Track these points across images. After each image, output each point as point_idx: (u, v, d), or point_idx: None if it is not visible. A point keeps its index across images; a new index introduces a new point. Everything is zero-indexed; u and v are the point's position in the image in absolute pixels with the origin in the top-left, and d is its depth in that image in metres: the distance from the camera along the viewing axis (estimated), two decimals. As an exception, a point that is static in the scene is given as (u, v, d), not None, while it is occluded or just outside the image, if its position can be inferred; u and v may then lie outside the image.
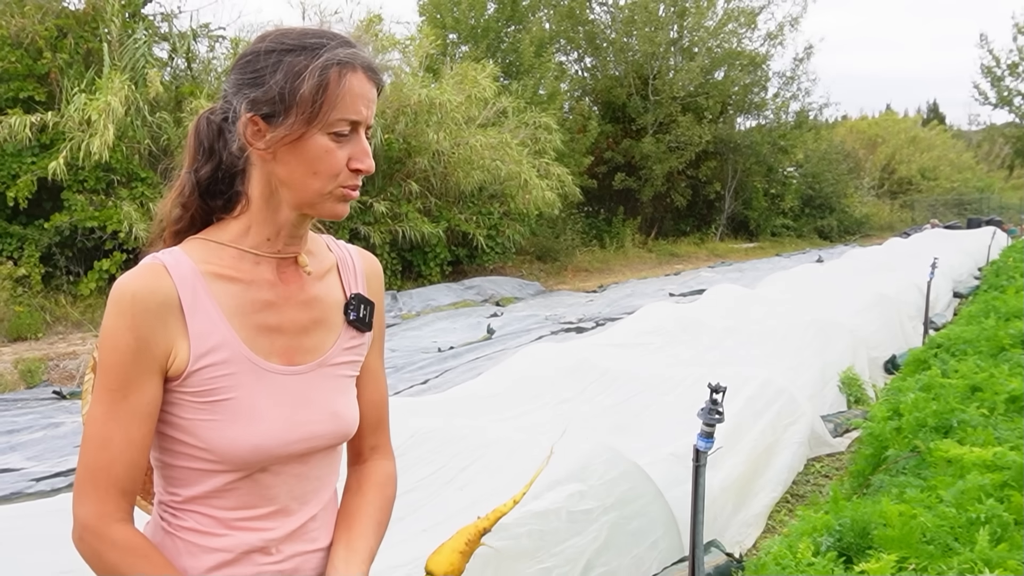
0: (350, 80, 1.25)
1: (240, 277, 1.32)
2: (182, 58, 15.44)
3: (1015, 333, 5.86)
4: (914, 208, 42.31)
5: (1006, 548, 2.44)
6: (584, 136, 24.67)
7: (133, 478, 1.27)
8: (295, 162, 1.27)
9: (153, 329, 1.24)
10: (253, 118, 1.27)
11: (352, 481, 1.54)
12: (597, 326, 11.69)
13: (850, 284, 10.88)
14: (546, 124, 19.35)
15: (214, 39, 16.00)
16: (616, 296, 15.94)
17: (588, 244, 24.22)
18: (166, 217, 1.38)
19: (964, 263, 15.93)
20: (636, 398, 5.82)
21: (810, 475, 5.40)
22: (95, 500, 1.26)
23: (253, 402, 1.29)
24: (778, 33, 29.95)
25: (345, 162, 1.28)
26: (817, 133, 33.68)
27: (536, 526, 3.41)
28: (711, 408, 2.67)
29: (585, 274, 21.32)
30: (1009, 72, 51.74)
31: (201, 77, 15.38)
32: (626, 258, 24.47)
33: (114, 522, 1.26)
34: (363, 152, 1.29)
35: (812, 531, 2.79)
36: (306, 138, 1.25)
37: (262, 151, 1.28)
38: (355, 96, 1.26)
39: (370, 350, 1.50)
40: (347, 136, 1.27)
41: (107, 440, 1.25)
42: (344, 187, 1.30)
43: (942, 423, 4.06)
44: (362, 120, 1.28)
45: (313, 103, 1.23)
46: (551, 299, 15.83)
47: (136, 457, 1.26)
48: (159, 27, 15.34)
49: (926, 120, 56.16)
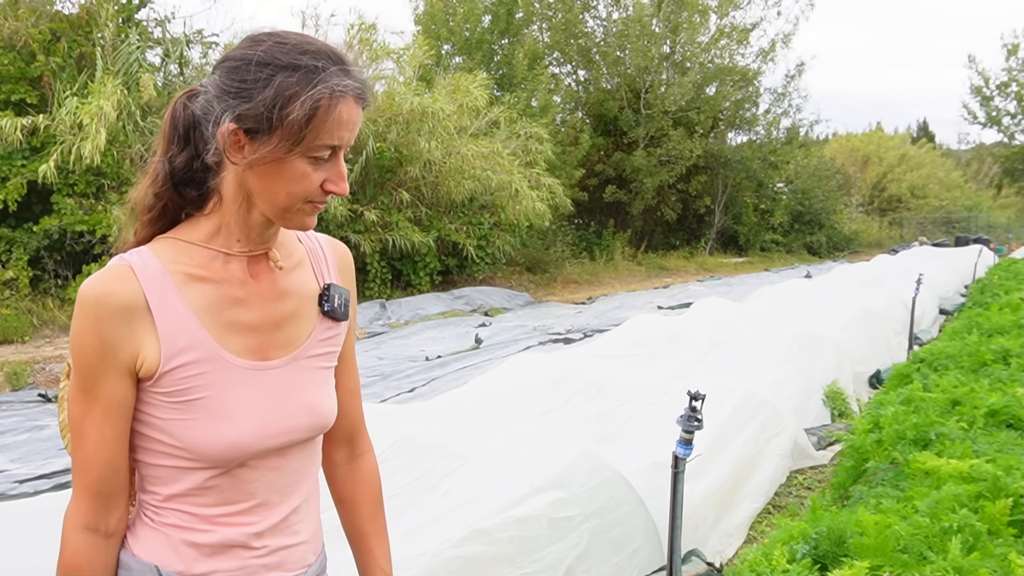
0: (340, 109, 1.24)
1: (210, 276, 1.32)
2: (175, 64, 15.45)
3: (996, 349, 5.92)
4: (903, 225, 42.57)
5: (978, 557, 2.48)
6: (576, 148, 24.76)
7: (108, 478, 1.28)
8: (270, 179, 1.26)
9: (117, 332, 1.24)
10: (236, 131, 1.24)
11: (349, 488, 1.60)
12: (585, 337, 11.72)
13: (837, 299, 10.95)
14: (537, 135, 19.42)
15: (207, 45, 16.01)
16: (604, 308, 15.98)
17: (578, 256, 24.27)
18: (139, 205, 1.37)
19: (951, 280, 16.03)
20: (621, 408, 5.84)
21: (792, 487, 5.43)
22: (73, 498, 1.31)
23: (226, 400, 1.30)
24: (770, 50, 30.18)
25: (319, 183, 1.27)
26: (807, 150, 33.89)
27: (517, 532, 3.43)
28: (690, 415, 2.70)
29: (574, 286, 21.36)
30: (998, 92, 52.19)
31: (194, 83, 15.37)
32: (615, 271, 24.54)
33: (77, 528, 1.29)
34: (339, 175, 1.29)
35: (788, 539, 2.82)
36: (285, 160, 1.24)
37: (237, 161, 1.27)
38: (342, 123, 1.25)
39: (344, 340, 1.52)
40: (326, 160, 1.27)
41: (83, 439, 1.28)
42: (312, 202, 1.30)
43: (921, 436, 4.11)
44: (343, 145, 1.27)
45: (300, 131, 1.22)
46: (540, 310, 15.85)
47: (110, 456, 1.28)
48: (152, 32, 15.36)
49: (915, 138, 56.55)
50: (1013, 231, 40.01)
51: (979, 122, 54.47)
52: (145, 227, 1.36)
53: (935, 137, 59.56)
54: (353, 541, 1.61)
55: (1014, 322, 7.48)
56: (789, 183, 34.17)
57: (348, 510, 1.60)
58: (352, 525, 1.60)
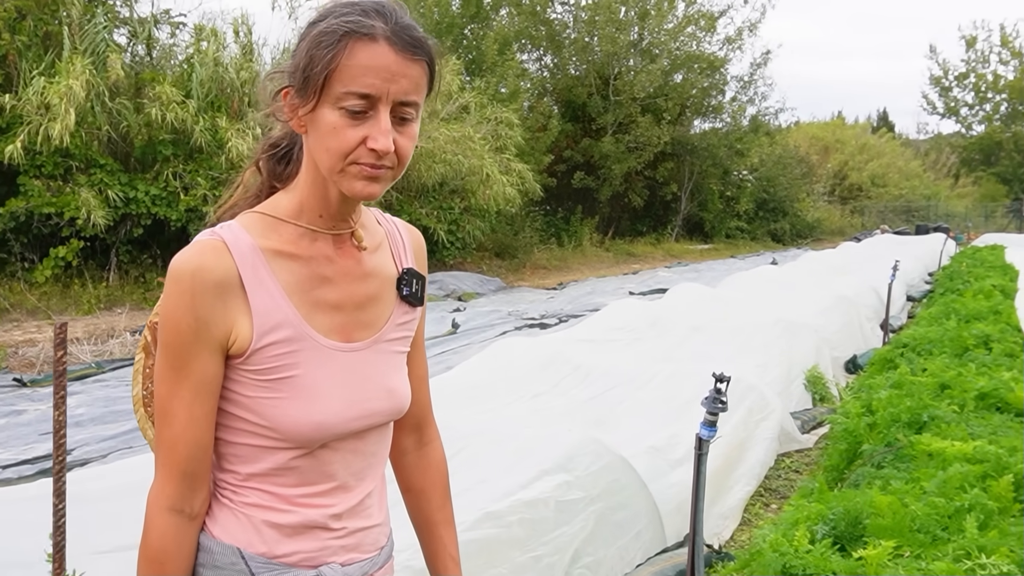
0: (360, 51, 1.17)
1: (299, 253, 1.30)
2: (142, 44, 15.19)
3: (978, 334, 6.03)
4: (864, 214, 43.19)
5: (996, 535, 2.53)
6: (544, 134, 24.76)
7: (196, 458, 1.26)
8: (315, 136, 1.23)
9: (213, 308, 1.22)
10: (285, 90, 1.25)
11: (417, 476, 1.59)
12: (560, 322, 11.76)
13: (810, 286, 11.09)
14: (508, 120, 19.40)
15: (175, 25, 15.77)
16: (576, 294, 16.03)
17: (546, 242, 24.32)
18: (245, 181, 1.39)
19: (915, 268, 16.30)
20: (610, 392, 5.86)
21: (781, 470, 5.50)
22: (158, 478, 1.27)
23: (315, 380, 1.29)
24: (737, 38, 30.38)
25: (359, 141, 1.20)
26: (772, 138, 34.21)
27: (527, 515, 3.44)
28: (715, 397, 2.72)
29: (543, 271, 21.40)
30: (956, 83, 53.14)
31: (162, 64, 15.14)
32: (584, 257, 24.62)
33: (163, 509, 1.26)
34: (379, 131, 1.20)
35: (806, 520, 2.86)
36: (318, 112, 1.20)
37: (295, 124, 1.26)
38: (365, 68, 1.17)
39: (417, 326, 1.50)
40: (364, 114, 1.20)
41: (171, 418, 1.25)
42: (360, 164, 1.22)
43: (915, 419, 4.18)
44: (378, 95, 1.19)
45: (320, 76, 1.18)
46: (513, 295, 15.87)
47: (199, 435, 1.26)
48: (119, 12, 15.08)
49: (875, 128, 57.32)
50: (971, 220, 40.76)
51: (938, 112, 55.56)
52: (244, 203, 1.35)
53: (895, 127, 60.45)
54: (421, 529, 1.59)
55: (990, 308, 7.63)
56: (754, 171, 34.51)
57: (416, 498, 1.59)
58: (421, 514, 1.59)
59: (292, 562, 1.30)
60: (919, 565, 2.40)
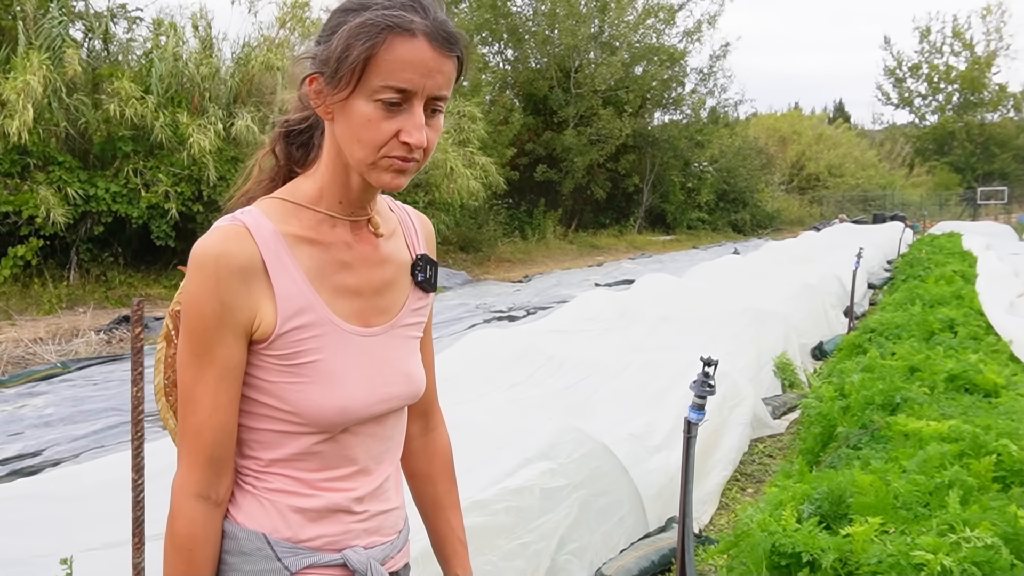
0: (399, 45, 1.19)
1: (319, 239, 1.31)
2: (99, 39, 14.95)
3: (943, 318, 6.16)
4: (822, 203, 43.75)
5: (977, 509, 2.60)
6: (507, 128, 24.78)
7: (222, 444, 1.26)
8: (345, 126, 1.24)
9: (237, 293, 1.22)
10: (313, 76, 1.25)
11: (423, 461, 1.60)
12: (528, 314, 11.80)
13: (775, 274, 11.23)
14: (471, 113, 19.39)
15: (132, 20, 15.55)
16: (543, 286, 16.09)
17: (510, 235, 24.36)
18: (260, 164, 1.39)
19: (875, 256, 16.55)
20: (585, 382, 5.91)
21: (755, 455, 5.58)
22: (183, 466, 1.27)
23: (337, 364, 1.29)
24: (696, 30, 30.61)
25: (393, 134, 1.21)
26: (731, 129, 34.55)
27: (513, 503, 3.46)
28: (703, 381, 2.76)
29: (508, 265, 21.44)
30: (910, 74, 54.00)
31: (120, 59, 14.91)
32: (548, 249, 24.70)
33: (190, 497, 1.26)
34: (414, 125, 1.21)
35: (791, 500, 2.91)
36: (351, 102, 1.21)
37: (321, 110, 1.26)
38: (404, 63, 1.18)
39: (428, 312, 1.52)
40: (399, 106, 1.21)
41: (195, 405, 1.25)
42: (391, 157, 1.23)
43: (888, 401, 4.26)
44: (414, 89, 1.20)
45: (358, 68, 1.19)
46: (479, 288, 15.88)
47: (224, 421, 1.26)
48: (74, 6, 14.81)
49: (832, 119, 58.06)
50: (926, 208, 41.49)
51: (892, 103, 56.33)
52: (260, 188, 1.36)
53: (851, 118, 61.27)
54: (428, 514, 1.60)
55: (952, 293, 7.79)
56: (714, 162, 34.81)
57: (422, 483, 1.60)
58: (427, 498, 1.60)
59: (317, 546, 1.31)
60: (905, 540, 2.46)
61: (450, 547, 1.60)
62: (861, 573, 2.45)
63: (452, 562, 1.58)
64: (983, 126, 51.34)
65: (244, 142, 13.82)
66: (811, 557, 2.58)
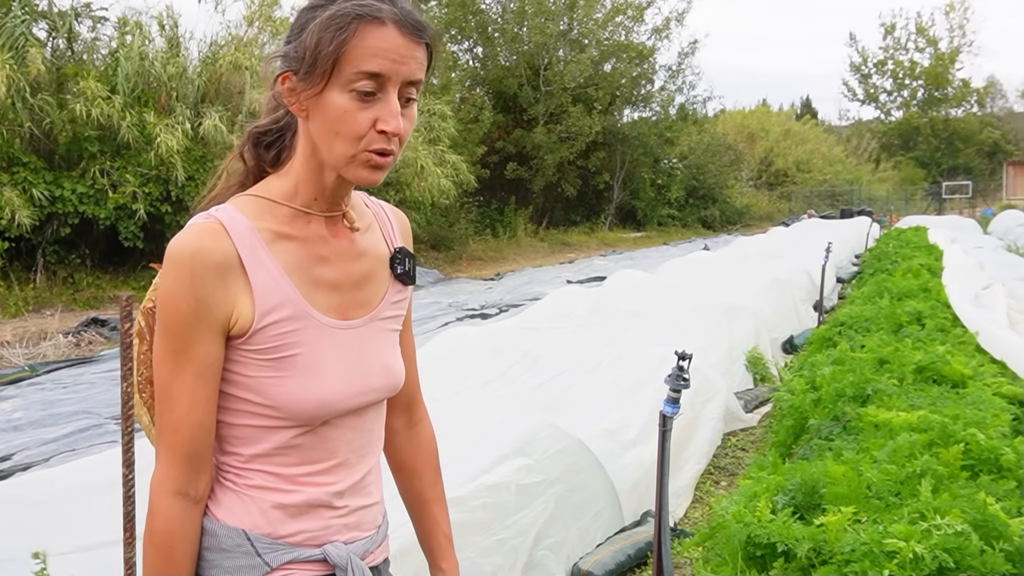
0: (370, 33, 1.19)
1: (295, 234, 1.31)
2: (63, 38, 14.75)
3: (911, 311, 6.25)
4: (791, 199, 44.14)
5: (948, 497, 2.64)
6: (477, 126, 24.76)
7: (200, 440, 1.26)
8: (321, 121, 1.24)
9: (214, 290, 1.23)
10: (285, 75, 1.25)
11: (408, 455, 1.61)
12: (501, 312, 11.81)
13: (745, 270, 11.31)
14: (441, 111, 19.37)
15: (97, 19, 15.34)
16: (515, 284, 16.11)
17: (481, 233, 24.36)
18: (228, 168, 1.39)
19: (843, 250, 16.72)
20: (559, 378, 5.93)
21: (728, 448, 5.62)
22: (160, 463, 1.27)
23: (316, 357, 1.30)
24: (664, 27, 30.74)
25: (370, 124, 1.22)
26: (700, 126, 34.75)
27: (490, 499, 3.47)
28: (678, 375, 2.78)
29: (480, 263, 21.44)
30: (875, 70, 54.66)
31: (85, 58, 14.73)
32: (519, 247, 24.73)
33: (168, 494, 1.26)
34: (390, 113, 1.22)
35: (765, 492, 2.94)
36: (326, 96, 1.22)
37: (296, 108, 1.27)
38: (376, 50, 1.20)
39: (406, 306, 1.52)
40: (374, 95, 1.22)
41: (173, 402, 1.25)
42: (369, 151, 1.24)
43: (859, 393, 4.31)
44: (387, 74, 1.21)
45: (330, 59, 1.19)
46: (451, 286, 15.87)
47: (202, 418, 1.26)
48: (36, 5, 14.60)
49: (799, 115, 58.58)
50: (893, 203, 41.97)
51: (858, 99, 57.08)
52: (228, 193, 1.36)
53: (818, 114, 61.83)
54: (414, 508, 1.61)
55: (919, 286, 7.89)
56: (683, 159, 35.01)
57: (408, 477, 1.61)
58: (413, 492, 1.60)
59: (297, 542, 1.32)
60: (878, 528, 2.49)
61: (435, 541, 1.61)
62: (835, 562, 2.48)
63: (437, 556, 1.59)
64: (947, 121, 52.10)
65: (212, 142, 13.71)
66: (786, 547, 2.62)
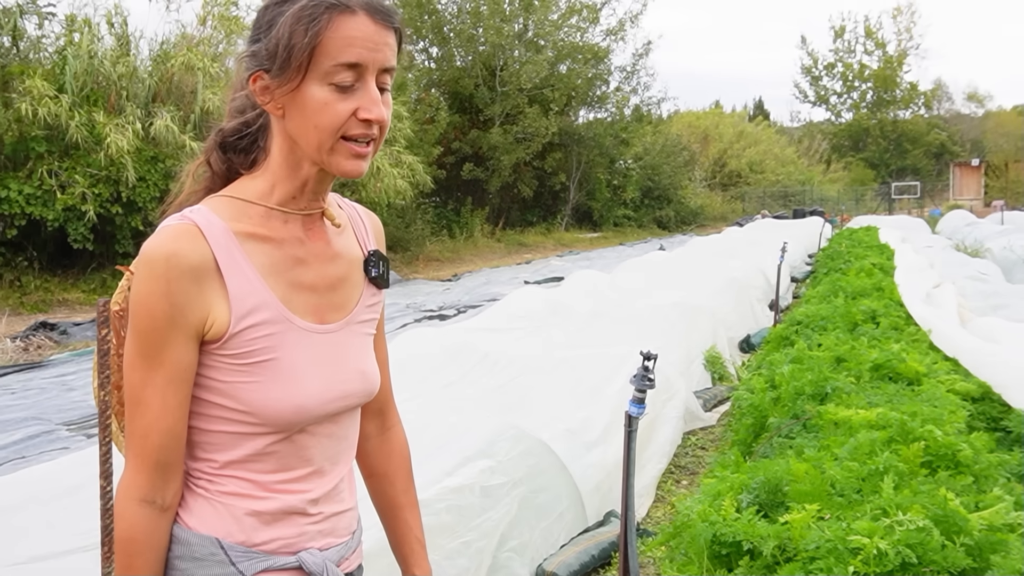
0: (343, 23, 1.18)
1: (271, 235, 1.28)
2: (8, 36, 14.43)
3: (865, 310, 6.35)
4: (744, 199, 44.64)
5: (909, 493, 2.68)
6: (433, 126, 24.70)
7: (169, 447, 1.23)
8: (299, 116, 1.22)
9: (188, 294, 1.19)
10: (257, 74, 1.23)
11: (381, 460, 1.58)
12: (459, 313, 11.78)
13: (702, 269, 11.40)
14: (397, 112, 19.27)
15: (43, 16, 15.02)
16: (472, 284, 16.08)
17: (438, 234, 24.30)
18: (192, 174, 1.35)
19: (796, 250, 16.94)
20: (520, 379, 5.91)
21: (688, 447, 5.66)
22: (128, 469, 1.24)
23: (294, 362, 1.27)
24: (619, 28, 30.91)
25: (350, 113, 1.21)
26: (655, 127, 35.03)
27: (454, 501, 3.45)
28: (643, 375, 2.79)
29: (437, 263, 21.38)
30: (826, 72, 55.53)
31: (31, 57, 14.42)
32: (476, 248, 24.71)
33: (134, 501, 1.22)
34: (371, 101, 1.21)
35: (729, 490, 2.96)
36: (303, 90, 1.20)
37: (271, 107, 1.24)
38: (351, 39, 1.19)
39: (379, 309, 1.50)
40: (352, 86, 1.20)
41: (143, 407, 1.21)
42: (350, 140, 1.22)
43: (818, 391, 4.36)
44: (365, 64, 1.20)
45: (306, 52, 1.18)
46: (408, 288, 15.80)
47: (172, 424, 1.23)
48: (-21, 2, 14.28)
49: (752, 116, 59.26)
50: (844, 203, 42.63)
51: (809, 101, 57.92)
52: (195, 198, 1.32)
53: (770, 115, 62.58)
54: (386, 514, 1.58)
55: (873, 285, 8.02)
56: (639, 160, 35.26)
57: (380, 483, 1.58)
58: (384, 497, 1.58)
59: (271, 549, 1.29)
60: (841, 525, 2.52)
61: (408, 546, 1.59)
62: (800, 559, 2.50)
63: (410, 561, 1.57)
64: (896, 123, 53.12)
65: (164, 142, 13.50)
66: (751, 545, 2.63)
